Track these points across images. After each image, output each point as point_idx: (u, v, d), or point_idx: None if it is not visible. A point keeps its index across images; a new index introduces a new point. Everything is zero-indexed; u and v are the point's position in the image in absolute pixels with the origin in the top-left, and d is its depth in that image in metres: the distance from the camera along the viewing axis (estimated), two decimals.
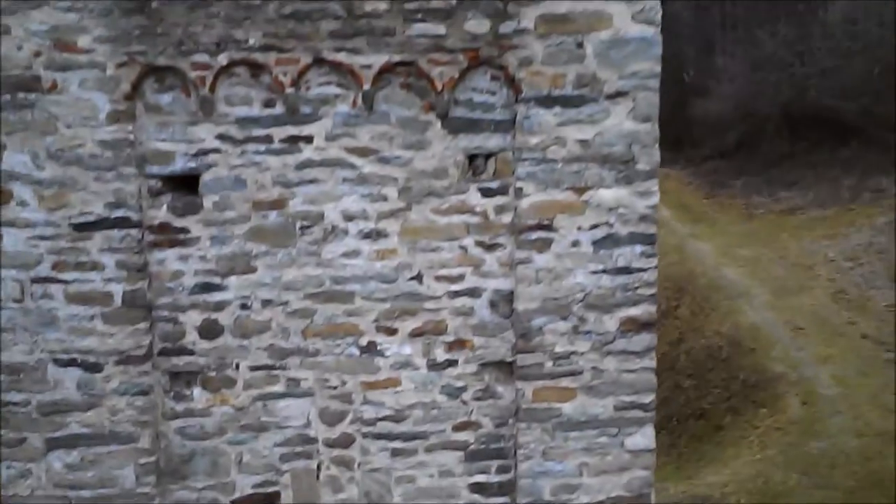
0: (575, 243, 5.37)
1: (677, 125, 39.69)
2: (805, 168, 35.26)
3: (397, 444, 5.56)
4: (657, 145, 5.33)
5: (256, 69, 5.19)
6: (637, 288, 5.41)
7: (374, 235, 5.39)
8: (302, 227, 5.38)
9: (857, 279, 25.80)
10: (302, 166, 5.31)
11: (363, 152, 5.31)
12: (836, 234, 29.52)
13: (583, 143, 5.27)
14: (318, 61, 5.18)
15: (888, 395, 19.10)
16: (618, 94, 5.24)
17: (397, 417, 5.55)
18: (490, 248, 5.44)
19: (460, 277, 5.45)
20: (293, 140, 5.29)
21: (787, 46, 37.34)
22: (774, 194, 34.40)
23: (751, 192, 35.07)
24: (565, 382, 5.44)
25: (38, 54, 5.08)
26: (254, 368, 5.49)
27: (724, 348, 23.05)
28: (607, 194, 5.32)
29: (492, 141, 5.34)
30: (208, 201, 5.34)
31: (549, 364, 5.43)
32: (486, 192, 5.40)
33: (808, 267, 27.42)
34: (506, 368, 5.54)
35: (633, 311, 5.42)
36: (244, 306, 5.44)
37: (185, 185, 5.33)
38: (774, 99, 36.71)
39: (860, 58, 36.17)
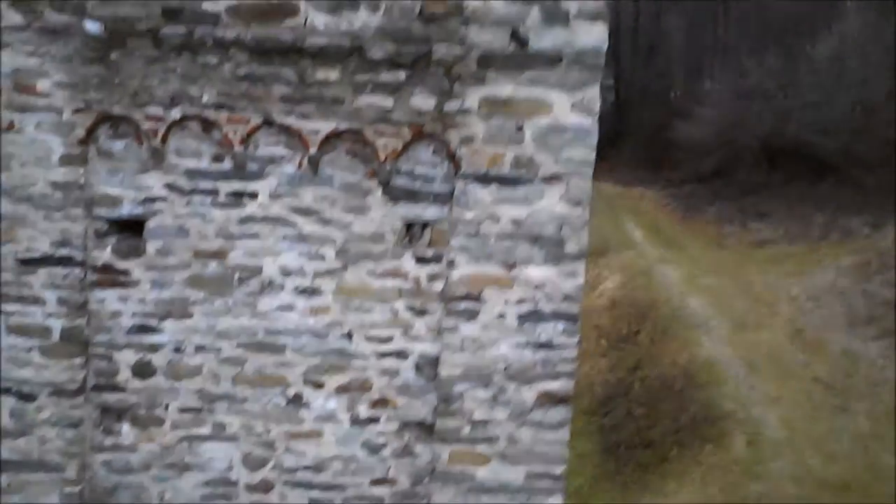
0: (501, 316, 5.57)
1: (659, 146, 40.15)
2: (779, 200, 35.67)
3: (315, 494, 5.77)
4: (586, 229, 5.54)
5: (208, 125, 5.37)
6: (557, 363, 5.62)
7: (310, 292, 5.59)
8: (240, 279, 5.57)
9: (816, 321, 26.11)
10: (245, 221, 5.50)
11: (305, 212, 5.50)
12: (801, 272, 29.83)
13: (516, 221, 5.47)
14: (268, 123, 5.37)
15: (832, 443, 19.41)
16: (552, 178, 5.44)
17: (317, 468, 5.76)
18: (420, 313, 5.65)
19: (389, 339, 5.66)
20: (238, 195, 5.47)
21: (772, 78, 37.73)
22: (746, 224, 34.78)
23: (723, 220, 35.45)
24: (481, 448, 5.66)
25: None
26: (183, 410, 5.68)
27: (678, 379, 23.31)
28: (535, 272, 5.54)
29: (429, 211, 5.54)
30: (152, 247, 5.52)
31: (467, 429, 5.65)
32: (421, 260, 5.60)
33: (769, 303, 27.73)
34: (426, 429, 5.74)
35: (552, 385, 5.64)
36: (178, 350, 5.63)
37: (131, 229, 5.51)
38: (755, 129, 37.13)
39: (843, 95, 36.55)
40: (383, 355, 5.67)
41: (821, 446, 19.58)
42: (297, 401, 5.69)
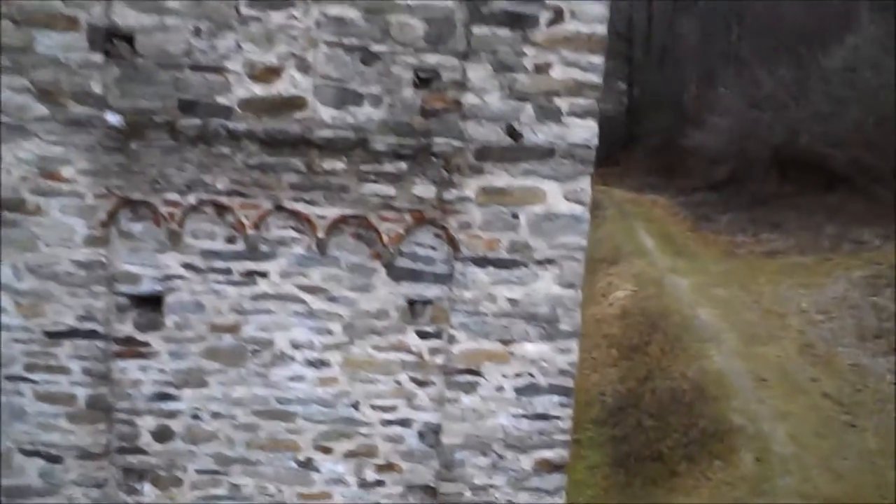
0: (499, 388, 5.93)
1: (671, 153, 40.33)
2: (790, 210, 35.81)
3: None
4: (579, 309, 5.88)
5: (222, 209, 5.73)
6: (553, 433, 5.98)
7: (318, 364, 5.96)
8: (253, 351, 5.94)
9: (825, 334, 26.27)
10: (257, 297, 5.86)
11: (313, 290, 5.86)
12: (811, 284, 29.96)
13: (512, 301, 5.82)
14: (279, 208, 5.73)
15: (839, 461, 19.61)
16: (546, 262, 5.79)
17: None
18: (422, 384, 6.01)
19: (393, 408, 6.02)
20: (251, 274, 5.84)
21: (784, 88, 37.83)
22: (757, 234, 34.94)
23: (735, 230, 35.61)
24: None
25: (24, 179, 5.62)
26: (200, 472, 6.06)
27: (688, 392, 23.53)
28: (531, 348, 5.89)
29: (430, 290, 5.90)
30: (170, 320, 5.89)
31: (468, 493, 6.00)
32: (423, 335, 5.96)
33: (780, 315, 27.89)
34: (429, 492, 6.10)
35: (548, 454, 5.99)
36: (195, 416, 6.00)
37: (150, 304, 5.88)
38: (767, 139, 37.25)
39: (855, 106, 36.62)
40: (388, 423, 6.03)
41: (828, 463, 19.77)
42: (307, 465, 6.06)
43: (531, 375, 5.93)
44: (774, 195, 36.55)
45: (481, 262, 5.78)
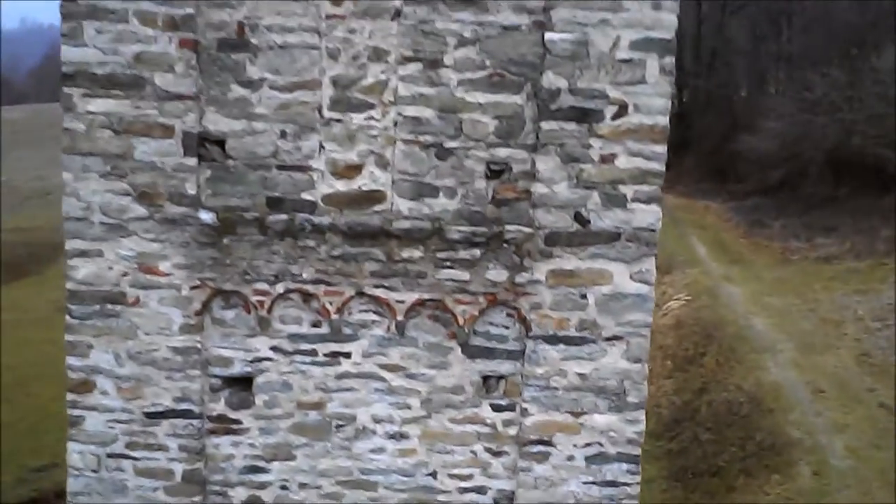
0: (570, 458, 6.28)
1: (722, 157, 40.29)
2: (844, 214, 35.61)
3: None
4: (645, 382, 6.20)
5: (308, 297, 6.13)
6: (622, 499, 6.31)
7: (398, 437, 6.34)
8: (337, 426, 6.34)
9: (882, 342, 26.19)
10: (340, 377, 6.26)
11: (393, 369, 6.25)
12: (867, 290, 29.85)
13: (581, 375, 6.16)
14: (360, 294, 6.11)
15: None
16: (614, 338, 6.12)
17: None
18: (497, 454, 6.37)
19: (470, 477, 6.39)
20: (335, 355, 6.24)
21: (836, 90, 37.63)
22: (812, 239, 34.80)
23: (788, 236, 35.50)
24: None
25: (125, 274, 6.06)
26: None
27: (744, 405, 23.62)
28: (600, 419, 6.22)
29: (503, 366, 6.26)
30: (260, 399, 6.31)
31: None
32: (497, 408, 6.32)
33: (836, 323, 27.84)
34: None
35: None
36: (284, 487, 6.41)
37: (241, 384, 6.30)
38: (820, 142, 37.07)
39: None
40: (465, 491, 6.40)
41: (886, 476, 19.80)
42: None
43: (600, 445, 6.26)
44: (828, 199, 36.38)
45: (552, 339, 6.12)
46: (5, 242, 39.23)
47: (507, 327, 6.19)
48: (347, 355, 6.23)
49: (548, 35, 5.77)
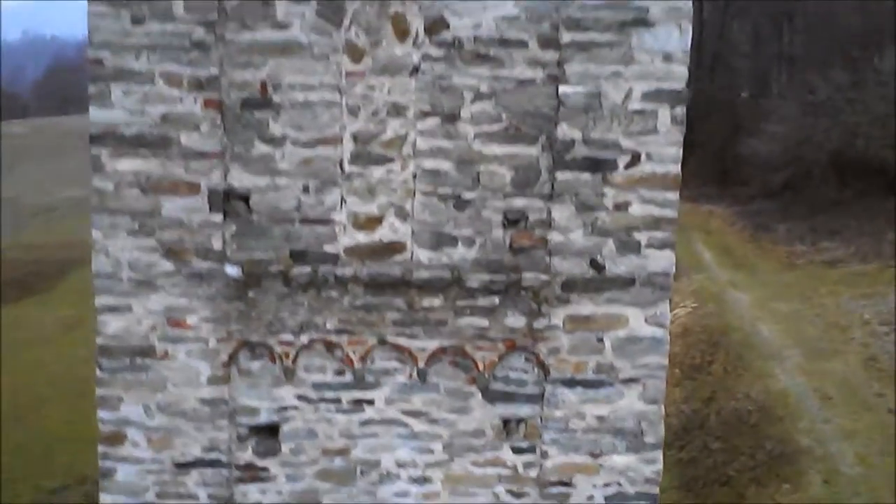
0: (590, 497, 6.43)
1: (725, 161, 40.43)
2: (849, 217, 35.74)
3: None
4: (662, 422, 6.35)
5: (331, 346, 6.28)
6: None
7: (422, 480, 6.49)
8: (362, 471, 6.49)
9: (889, 347, 26.28)
10: (364, 423, 6.41)
11: (415, 414, 6.40)
12: (873, 294, 29.94)
13: (600, 417, 6.32)
14: (382, 342, 6.27)
15: None
16: (630, 381, 6.28)
17: None
18: (518, 495, 6.52)
19: None
20: (358, 402, 6.39)
21: (839, 92, 37.76)
22: (817, 243, 34.91)
23: (794, 239, 35.63)
24: None
25: (153, 328, 6.22)
26: None
27: (753, 413, 23.74)
28: (619, 460, 6.38)
29: (523, 410, 6.41)
30: (286, 447, 6.46)
31: None
32: (517, 450, 6.47)
33: (843, 328, 27.95)
34: None
35: None
36: None
37: (268, 433, 6.45)
38: (823, 144, 37.20)
39: None
40: None
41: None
42: None
43: (619, 485, 6.41)
44: (833, 202, 36.51)
45: (570, 383, 6.27)
46: (10, 260, 39.41)
47: (526, 372, 6.34)
48: (371, 402, 6.38)
49: (562, 88, 5.92)
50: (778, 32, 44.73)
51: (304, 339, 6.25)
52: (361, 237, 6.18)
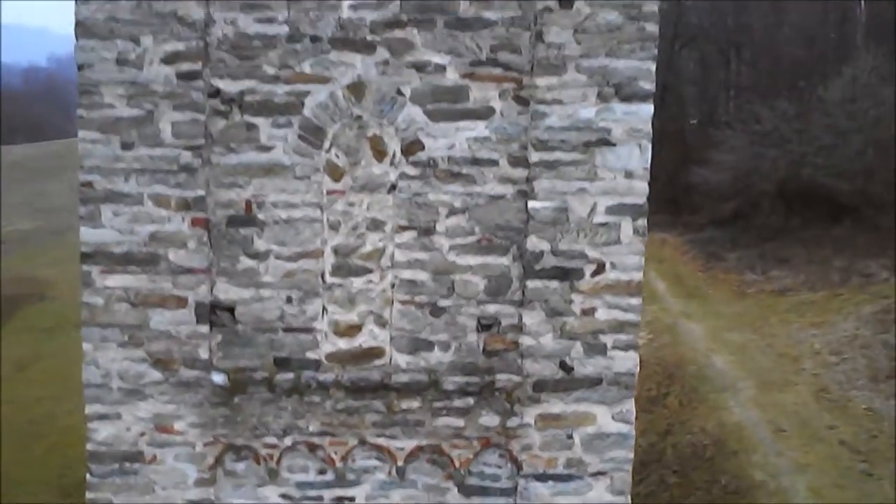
0: None
1: (677, 189, 41.09)
2: (798, 245, 36.50)
3: None
4: None
5: (314, 447, 6.57)
6: None
7: None
8: None
9: (839, 377, 26.94)
10: None
11: None
12: (823, 322, 30.61)
13: None
14: (363, 443, 6.57)
15: None
16: (598, 474, 6.62)
17: None
18: None
19: None
20: (339, 499, 6.67)
21: (786, 122, 38.55)
22: (767, 272, 35.61)
23: (744, 268, 36.31)
24: None
25: (142, 434, 6.47)
26: None
27: (708, 447, 24.24)
28: None
29: (498, 503, 6.73)
30: None
31: None
32: None
33: (794, 358, 28.57)
34: None
35: None
36: None
37: None
38: (771, 174, 37.96)
39: (856, 137, 37.33)
40: None
41: None
42: None
43: None
44: (781, 230, 37.27)
45: (542, 477, 6.61)
46: None
47: (500, 467, 6.67)
48: (352, 499, 6.67)
49: (531, 203, 6.28)
50: (725, 62, 45.61)
51: (287, 441, 6.53)
52: (342, 344, 6.48)
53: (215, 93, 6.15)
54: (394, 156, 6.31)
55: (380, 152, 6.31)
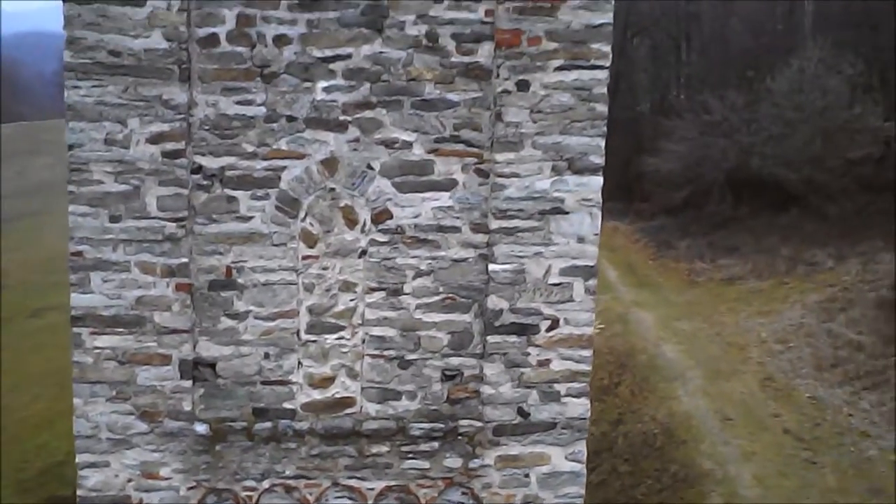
0: None
1: (629, 178, 41.78)
2: (746, 234, 37.26)
3: None
4: None
5: (290, 489, 7.10)
6: None
7: None
8: None
9: (785, 365, 27.70)
10: None
11: None
12: (770, 311, 31.38)
13: None
14: (335, 484, 7.11)
15: (802, 500, 21.06)
16: None
17: None
18: None
19: None
20: None
21: (735, 112, 39.28)
22: (716, 260, 36.33)
23: (694, 256, 37.01)
24: None
25: (129, 481, 6.97)
26: None
27: (658, 436, 24.93)
28: None
29: None
30: None
31: None
32: None
33: (741, 347, 29.31)
34: None
35: None
36: None
37: None
38: (720, 163, 38.63)
39: (804, 127, 38.14)
40: None
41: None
42: None
43: None
44: (731, 218, 38.00)
45: None
46: None
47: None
48: None
49: (491, 266, 6.83)
50: (676, 51, 46.36)
51: (265, 484, 7.05)
52: (316, 394, 7.01)
53: (198, 169, 6.62)
54: (364, 224, 6.82)
55: (351, 221, 6.81)
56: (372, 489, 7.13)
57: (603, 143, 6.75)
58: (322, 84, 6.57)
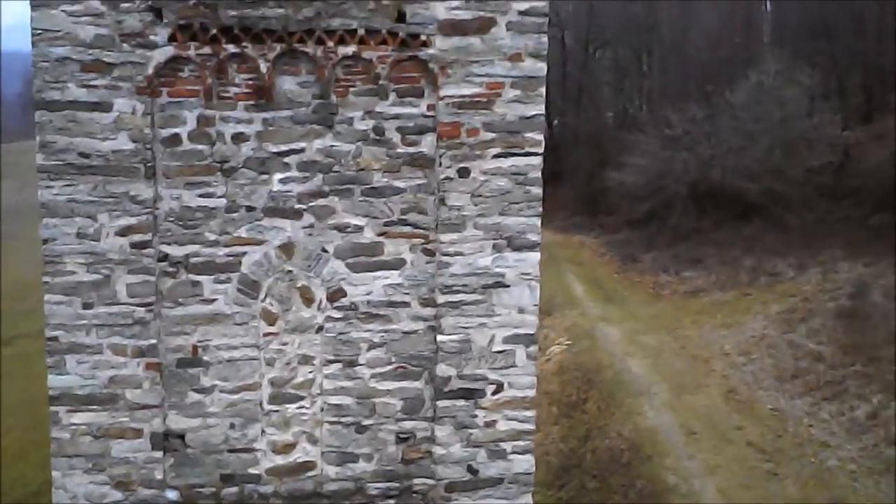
0: None
1: (593, 191, 42.49)
2: (709, 245, 38.02)
3: None
4: None
5: None
6: None
7: None
8: None
9: (747, 377, 28.37)
10: None
11: None
12: (732, 323, 32.06)
13: None
14: None
15: None
16: None
17: None
18: None
19: None
20: None
21: (695, 125, 40.04)
22: (680, 272, 37.07)
23: (658, 269, 37.74)
24: None
25: None
26: None
27: (625, 452, 25.51)
28: None
29: None
30: None
31: None
32: None
33: (705, 360, 29.97)
34: None
35: None
36: None
37: None
38: (682, 176, 39.38)
39: (763, 138, 38.93)
40: None
41: None
42: None
43: None
44: (694, 230, 38.76)
45: None
46: None
47: None
48: None
49: (439, 337, 7.38)
50: (638, 62, 47.08)
51: None
52: (279, 460, 7.52)
53: (164, 257, 7.14)
54: (320, 302, 7.36)
55: (308, 299, 7.35)
56: None
57: (539, 222, 7.30)
58: (278, 176, 7.10)
